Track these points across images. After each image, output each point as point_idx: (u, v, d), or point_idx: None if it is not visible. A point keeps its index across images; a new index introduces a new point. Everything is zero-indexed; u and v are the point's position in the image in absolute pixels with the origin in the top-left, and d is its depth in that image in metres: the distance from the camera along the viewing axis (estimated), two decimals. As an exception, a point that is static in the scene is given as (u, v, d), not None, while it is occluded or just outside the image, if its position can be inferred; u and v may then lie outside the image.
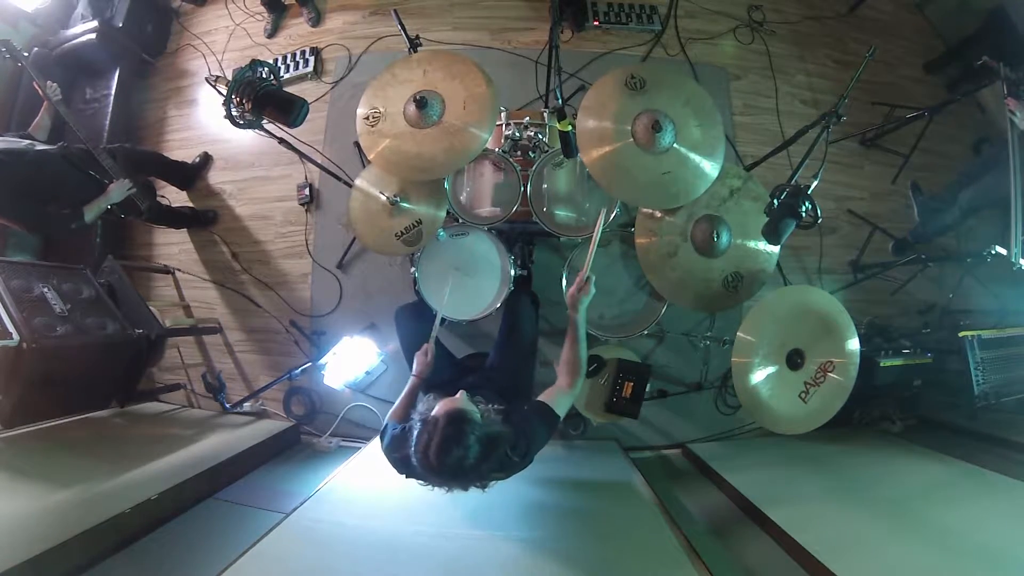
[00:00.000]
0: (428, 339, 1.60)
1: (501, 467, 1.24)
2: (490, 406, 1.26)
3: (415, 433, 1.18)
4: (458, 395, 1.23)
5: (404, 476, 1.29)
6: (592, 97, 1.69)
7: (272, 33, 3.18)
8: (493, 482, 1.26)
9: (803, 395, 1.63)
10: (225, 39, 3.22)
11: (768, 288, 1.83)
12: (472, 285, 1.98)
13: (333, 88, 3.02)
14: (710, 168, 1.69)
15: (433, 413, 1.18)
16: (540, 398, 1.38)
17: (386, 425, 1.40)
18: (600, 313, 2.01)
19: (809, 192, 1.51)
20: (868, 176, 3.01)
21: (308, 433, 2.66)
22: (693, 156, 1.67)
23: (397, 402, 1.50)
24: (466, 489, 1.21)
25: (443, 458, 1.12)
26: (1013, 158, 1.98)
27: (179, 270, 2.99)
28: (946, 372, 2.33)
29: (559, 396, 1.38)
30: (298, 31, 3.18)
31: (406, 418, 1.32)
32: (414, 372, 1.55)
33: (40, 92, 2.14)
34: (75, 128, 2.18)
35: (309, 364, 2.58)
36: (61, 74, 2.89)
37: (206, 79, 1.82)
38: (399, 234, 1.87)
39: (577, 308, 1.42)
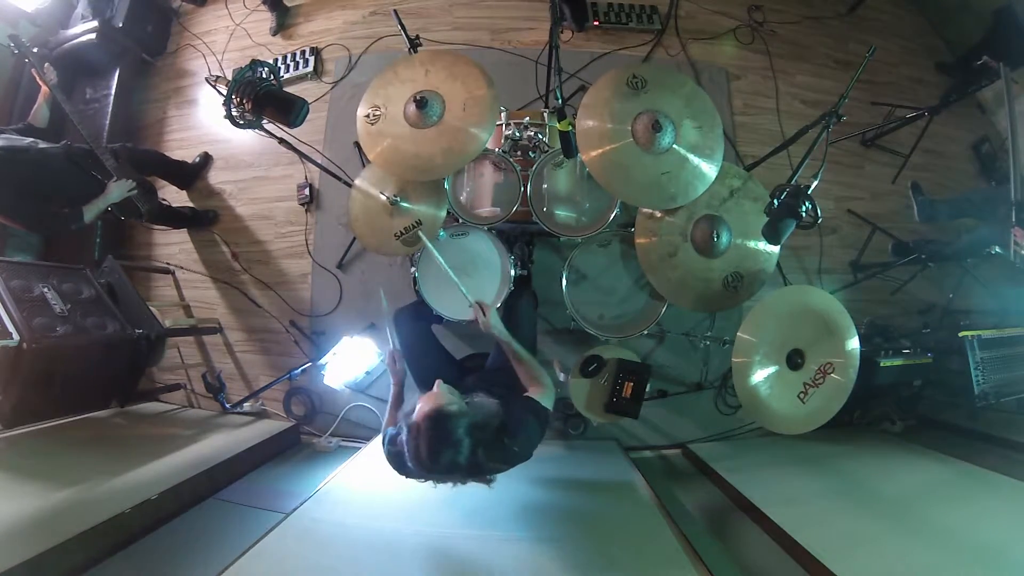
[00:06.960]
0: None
1: (502, 458, 1.23)
2: (482, 395, 1.26)
3: (404, 439, 1.18)
4: (435, 389, 1.22)
5: (406, 477, 1.29)
6: (592, 97, 1.69)
7: (277, 30, 3.17)
8: (495, 475, 1.25)
9: (802, 395, 1.63)
10: (225, 39, 3.22)
11: (768, 288, 1.83)
12: (472, 285, 1.97)
13: (333, 88, 3.02)
14: (709, 169, 1.69)
15: (414, 417, 1.16)
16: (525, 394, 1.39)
17: (384, 432, 1.41)
18: (600, 313, 2.01)
19: (809, 192, 1.51)
20: (868, 176, 3.01)
21: (308, 433, 2.66)
22: (692, 156, 1.67)
23: (387, 411, 1.55)
24: (465, 482, 1.21)
25: (436, 460, 1.12)
26: None
27: (180, 267, 2.99)
28: (946, 372, 2.32)
29: (539, 395, 1.38)
30: (298, 31, 3.18)
31: (397, 421, 1.32)
32: (392, 380, 1.59)
33: (37, 78, 2.09)
34: (75, 120, 2.15)
35: (309, 364, 2.58)
36: (61, 74, 2.87)
37: (206, 79, 1.82)
38: (399, 234, 1.87)
39: (491, 329, 1.46)
